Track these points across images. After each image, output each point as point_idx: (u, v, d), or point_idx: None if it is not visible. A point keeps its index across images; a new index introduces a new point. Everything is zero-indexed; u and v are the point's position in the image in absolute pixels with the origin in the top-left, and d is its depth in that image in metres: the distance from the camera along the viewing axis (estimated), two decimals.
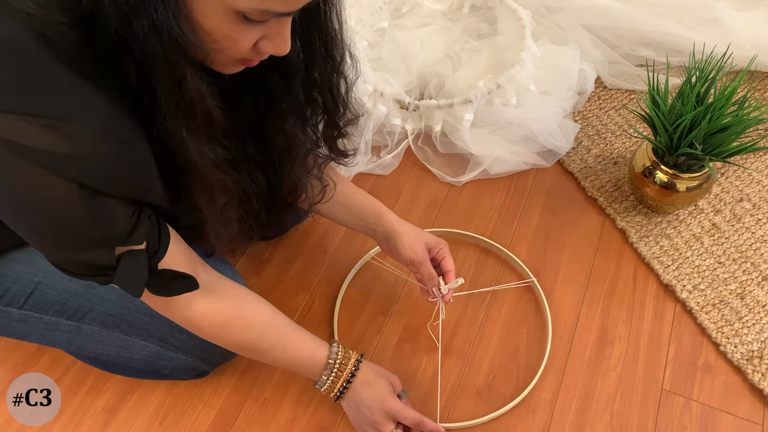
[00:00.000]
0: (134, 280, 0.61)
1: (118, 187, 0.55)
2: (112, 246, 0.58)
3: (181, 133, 0.54)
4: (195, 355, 0.83)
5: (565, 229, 1.09)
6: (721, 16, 1.26)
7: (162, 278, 0.64)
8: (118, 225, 0.57)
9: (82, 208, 0.52)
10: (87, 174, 0.51)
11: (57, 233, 0.55)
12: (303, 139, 0.74)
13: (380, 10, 1.29)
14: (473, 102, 1.14)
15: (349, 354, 0.80)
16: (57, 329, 0.78)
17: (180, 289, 0.66)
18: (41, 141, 0.48)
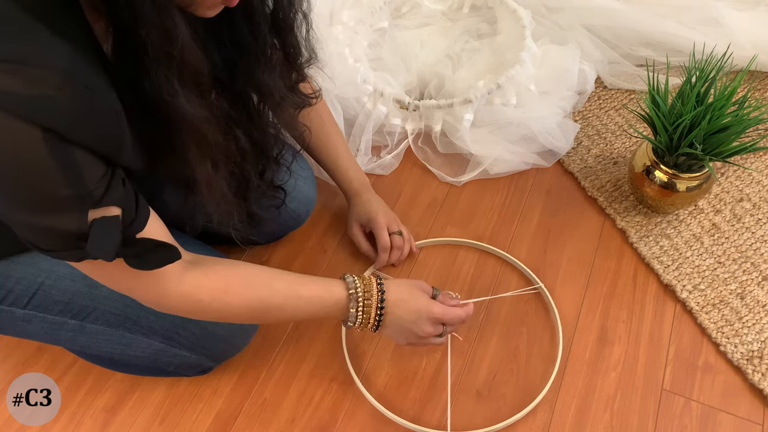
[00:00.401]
0: (107, 245, 0.56)
1: (86, 136, 0.51)
2: (83, 208, 0.53)
3: (173, 84, 0.52)
4: (199, 351, 0.83)
5: (565, 229, 1.09)
6: (721, 16, 1.26)
7: (140, 248, 0.59)
8: (88, 182, 0.52)
9: (48, 155, 0.48)
10: (52, 117, 0.47)
11: (22, 189, 0.50)
12: (274, 87, 0.71)
13: (380, 10, 1.29)
14: (473, 102, 1.14)
15: (368, 280, 0.77)
16: (61, 328, 0.78)
17: (162, 260, 0.61)
18: (3, 84, 0.45)
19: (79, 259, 0.57)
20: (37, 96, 0.46)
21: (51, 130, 0.48)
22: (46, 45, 0.47)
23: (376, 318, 0.76)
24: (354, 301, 0.76)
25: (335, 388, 0.91)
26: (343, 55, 1.17)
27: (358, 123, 1.17)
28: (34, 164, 0.49)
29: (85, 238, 0.54)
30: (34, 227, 0.54)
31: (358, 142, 1.16)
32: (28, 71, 0.46)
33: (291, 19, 0.68)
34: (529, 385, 0.91)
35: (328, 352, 0.95)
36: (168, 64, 0.51)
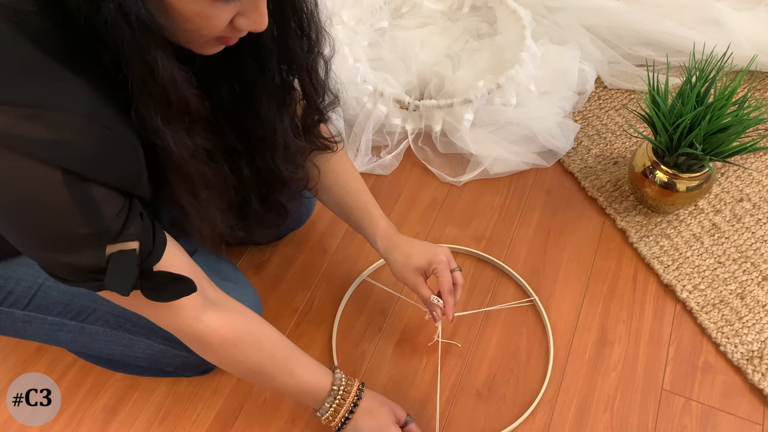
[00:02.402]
0: (123, 280, 0.57)
1: (106, 174, 0.52)
2: (101, 244, 0.54)
3: (156, 123, 0.52)
4: None
5: (565, 229, 1.09)
6: (721, 16, 1.26)
7: (157, 281, 0.60)
8: (106, 219, 0.53)
9: (68, 196, 0.49)
10: (72, 159, 0.48)
11: (43, 231, 0.52)
12: (281, 126, 0.71)
13: (380, 10, 1.29)
14: (473, 102, 1.14)
15: (352, 381, 0.78)
16: (61, 329, 0.78)
17: (177, 293, 0.62)
18: (23, 130, 0.46)
19: (97, 290, 0.58)
20: (57, 140, 0.47)
21: (71, 171, 0.49)
22: (67, 88, 0.48)
23: (341, 420, 0.77)
24: (332, 397, 0.77)
25: None
26: (343, 55, 1.17)
27: (358, 123, 1.17)
28: (54, 205, 0.50)
29: (103, 272, 0.55)
30: (55, 263, 0.55)
31: (358, 142, 1.16)
32: (48, 115, 0.47)
33: (306, 61, 0.67)
34: (529, 385, 0.91)
35: (327, 353, 0.95)
36: (149, 101, 0.51)
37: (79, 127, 0.48)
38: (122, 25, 0.46)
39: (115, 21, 0.46)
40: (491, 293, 1.01)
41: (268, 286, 1.02)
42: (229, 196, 0.69)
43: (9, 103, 0.46)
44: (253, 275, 1.03)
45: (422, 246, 0.86)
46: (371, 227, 0.88)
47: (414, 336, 0.96)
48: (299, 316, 0.99)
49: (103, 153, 0.51)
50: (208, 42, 0.55)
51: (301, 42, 0.64)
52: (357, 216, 0.89)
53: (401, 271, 0.86)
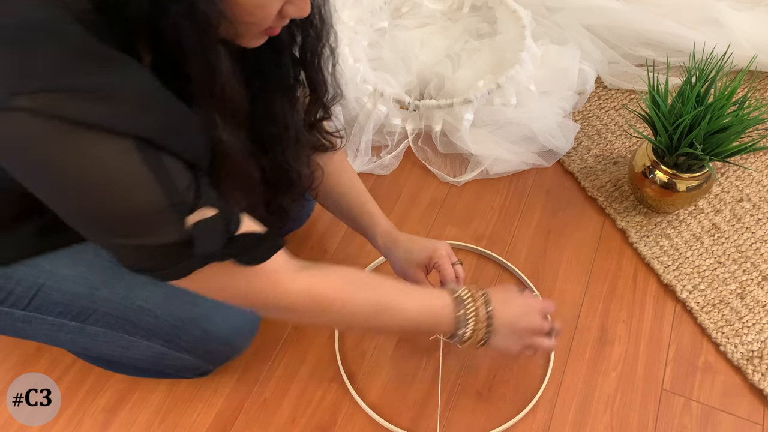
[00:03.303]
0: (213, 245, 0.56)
1: (175, 144, 0.53)
2: (180, 216, 0.54)
3: (215, 118, 0.54)
4: (200, 354, 0.83)
5: (565, 229, 1.09)
6: (721, 16, 1.26)
7: (246, 244, 0.59)
8: (180, 187, 0.53)
9: (141, 163, 0.50)
10: (142, 128, 0.50)
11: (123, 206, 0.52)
12: (293, 120, 0.72)
13: (380, 10, 1.29)
14: (473, 102, 1.14)
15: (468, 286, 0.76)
16: (61, 330, 0.78)
17: (270, 250, 0.62)
18: (92, 110, 0.47)
19: (187, 272, 0.58)
20: (126, 113, 0.48)
21: (142, 138, 0.50)
22: (133, 72, 0.50)
23: (485, 322, 0.74)
24: (461, 304, 0.74)
25: (335, 388, 0.91)
26: (343, 55, 1.17)
27: (358, 123, 1.17)
28: (129, 175, 0.50)
29: (189, 245, 0.55)
30: (138, 249, 0.55)
31: (358, 142, 1.16)
32: (116, 96, 0.48)
33: (318, 54, 0.68)
34: (530, 385, 0.91)
35: (327, 353, 0.95)
36: (210, 98, 0.53)
37: (147, 103, 0.50)
38: (186, 23, 0.48)
39: (180, 19, 0.47)
40: None
41: None
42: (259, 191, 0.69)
43: (76, 89, 0.47)
44: None
45: (422, 241, 0.87)
46: (371, 226, 0.89)
47: (414, 336, 0.96)
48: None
49: (171, 124, 0.52)
50: (258, 34, 0.56)
51: (313, 35, 0.66)
52: (357, 216, 0.89)
53: (402, 267, 0.86)
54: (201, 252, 0.56)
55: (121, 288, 0.77)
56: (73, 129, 0.47)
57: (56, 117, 0.46)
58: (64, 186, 0.50)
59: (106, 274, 0.76)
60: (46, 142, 0.47)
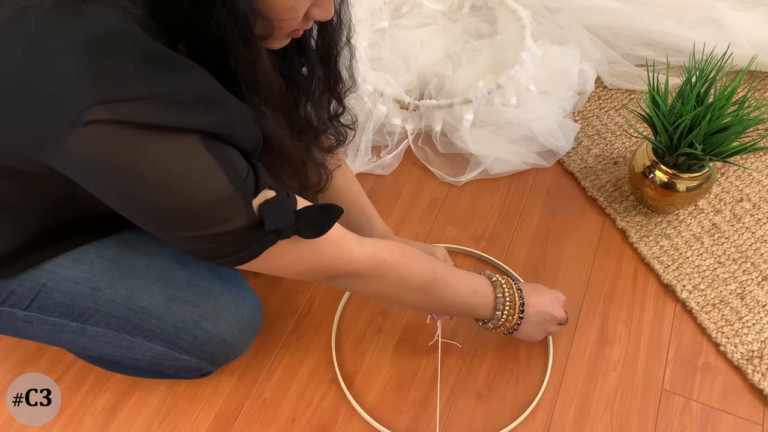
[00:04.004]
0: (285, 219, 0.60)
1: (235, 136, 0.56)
2: (246, 201, 0.57)
3: (261, 107, 0.57)
4: (200, 356, 0.83)
5: (565, 229, 1.09)
6: (721, 16, 1.26)
7: (308, 218, 0.63)
8: (242, 176, 0.57)
9: (207, 153, 0.53)
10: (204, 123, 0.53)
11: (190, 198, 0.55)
12: (316, 117, 0.76)
13: (380, 10, 1.29)
14: (473, 102, 1.14)
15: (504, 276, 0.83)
16: (62, 330, 0.78)
17: (331, 219, 0.65)
18: (166, 114, 0.50)
19: (260, 251, 0.61)
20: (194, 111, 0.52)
21: (204, 132, 0.53)
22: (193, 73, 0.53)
23: (519, 309, 0.81)
24: (500, 288, 0.80)
25: (335, 388, 0.91)
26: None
27: (358, 123, 1.17)
28: (198, 166, 0.54)
29: (259, 226, 0.59)
30: (208, 238, 0.58)
31: (358, 142, 1.16)
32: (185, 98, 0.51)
33: (337, 49, 0.71)
34: (529, 385, 0.91)
35: (327, 353, 0.95)
36: (257, 89, 0.56)
37: (211, 100, 0.53)
38: (229, 21, 0.52)
39: (223, 17, 0.51)
40: None
41: (268, 287, 1.02)
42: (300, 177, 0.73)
43: (141, 97, 0.49)
44: (252, 276, 1.03)
45: (419, 246, 0.90)
46: (368, 229, 0.91)
47: (414, 336, 0.96)
48: (299, 317, 0.99)
49: (231, 118, 0.55)
50: (284, 35, 0.60)
51: (332, 33, 0.69)
52: (354, 218, 0.92)
53: None
54: (272, 227, 0.59)
55: (123, 289, 0.77)
56: (147, 133, 0.50)
57: (133, 125, 0.49)
58: (141, 190, 0.54)
59: (108, 275, 0.76)
60: (124, 149, 0.50)
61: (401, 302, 0.79)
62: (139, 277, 0.78)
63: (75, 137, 0.49)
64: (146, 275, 0.78)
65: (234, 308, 0.83)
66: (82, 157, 0.50)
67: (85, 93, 0.48)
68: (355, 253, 0.70)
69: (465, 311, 0.82)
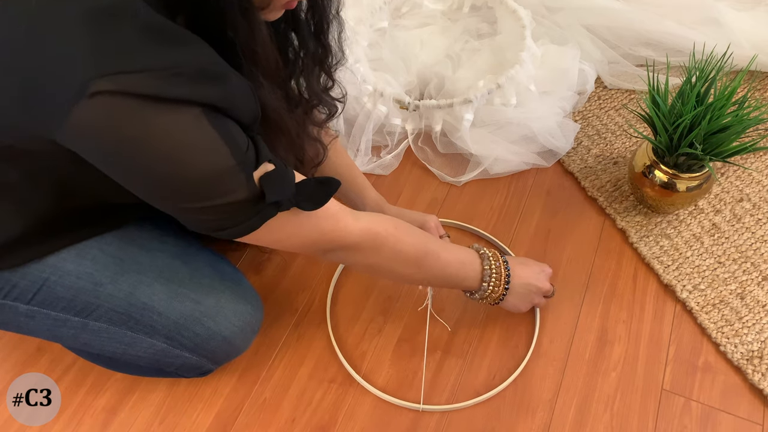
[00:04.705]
0: (286, 191, 0.62)
1: (237, 109, 0.57)
2: (248, 173, 0.59)
3: (259, 78, 0.58)
4: (201, 353, 0.83)
5: (565, 229, 1.09)
6: (721, 16, 1.26)
7: (307, 191, 0.64)
8: (242, 149, 0.58)
9: (209, 126, 0.54)
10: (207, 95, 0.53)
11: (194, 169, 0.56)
12: (309, 90, 0.76)
13: (380, 10, 1.29)
14: (473, 102, 1.14)
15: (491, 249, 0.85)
16: (64, 325, 0.78)
17: (328, 193, 0.66)
18: (168, 86, 0.51)
19: (260, 223, 0.62)
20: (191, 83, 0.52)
21: (207, 104, 0.54)
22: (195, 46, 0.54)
23: (505, 281, 0.83)
24: (487, 260, 0.83)
25: (335, 388, 0.91)
26: None
27: (358, 123, 1.17)
28: (201, 138, 0.55)
29: (259, 198, 0.60)
30: (211, 210, 0.59)
31: (358, 142, 1.16)
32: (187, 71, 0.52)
33: (327, 22, 0.72)
34: (529, 385, 0.91)
35: (327, 353, 0.95)
36: (254, 60, 0.57)
37: (212, 73, 0.54)
38: None
39: None
40: None
41: (268, 286, 1.02)
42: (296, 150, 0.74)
43: (145, 69, 0.50)
44: (253, 275, 1.03)
45: (411, 214, 0.93)
46: (360, 198, 0.94)
47: (414, 336, 0.96)
48: (299, 316, 0.99)
49: (231, 91, 0.56)
50: (280, 6, 0.60)
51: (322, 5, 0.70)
52: (347, 189, 0.94)
53: None
54: (273, 199, 0.61)
55: (126, 284, 0.77)
56: (151, 104, 0.51)
57: (137, 96, 0.50)
58: (145, 160, 0.54)
59: (110, 270, 0.76)
60: (128, 120, 0.51)
61: (395, 275, 0.81)
62: (142, 273, 0.78)
63: (80, 109, 0.50)
64: (148, 271, 0.78)
65: (235, 306, 0.83)
66: (88, 129, 0.51)
67: (89, 65, 0.49)
68: (351, 226, 0.72)
69: (455, 283, 0.85)
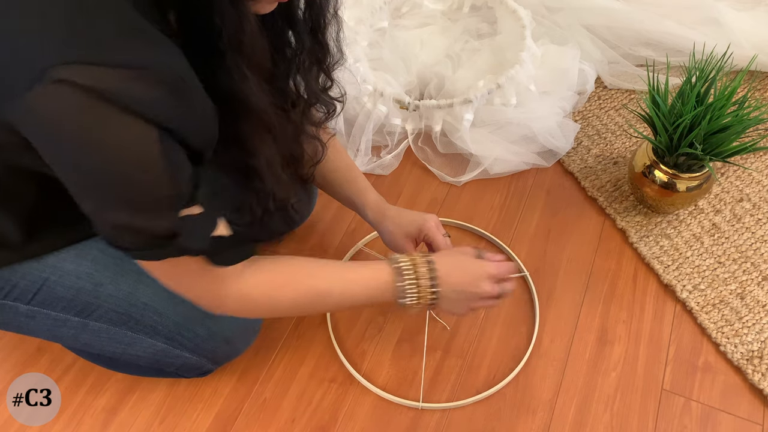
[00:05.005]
0: (198, 242, 0.60)
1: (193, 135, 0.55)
2: (177, 207, 0.57)
3: (243, 70, 0.56)
4: (201, 353, 0.83)
5: (565, 229, 1.09)
6: (721, 16, 1.26)
7: (219, 245, 0.63)
8: (184, 181, 0.57)
9: (160, 154, 0.53)
10: (168, 118, 0.52)
11: (130, 187, 0.54)
12: (307, 89, 0.75)
13: (380, 10, 1.29)
14: (473, 102, 1.14)
15: (412, 255, 0.78)
16: (64, 325, 0.78)
17: (240, 256, 0.65)
18: (127, 89, 0.49)
19: (160, 258, 0.60)
20: (157, 98, 0.51)
21: (166, 128, 0.52)
22: (166, 51, 0.52)
23: (430, 288, 0.76)
24: (399, 275, 0.76)
25: (335, 388, 0.91)
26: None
27: (358, 123, 1.17)
28: (146, 162, 0.53)
29: (174, 236, 0.58)
30: (128, 227, 0.57)
31: (358, 142, 1.16)
32: (150, 77, 0.50)
33: (325, 20, 0.71)
34: (530, 385, 0.91)
35: (327, 353, 0.95)
36: (240, 50, 0.54)
37: (175, 87, 0.52)
38: None
39: None
40: None
41: None
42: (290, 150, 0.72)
43: (114, 64, 0.48)
44: None
45: (412, 214, 0.90)
46: (361, 199, 0.92)
47: (414, 336, 0.96)
48: (299, 317, 0.99)
49: (195, 113, 0.54)
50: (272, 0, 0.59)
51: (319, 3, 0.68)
52: (347, 190, 0.92)
53: (392, 240, 0.89)
54: (184, 245, 0.59)
55: (126, 285, 0.77)
56: (108, 107, 0.49)
57: (94, 91, 0.48)
58: (87, 159, 0.52)
59: (110, 271, 0.76)
60: (80, 114, 0.49)
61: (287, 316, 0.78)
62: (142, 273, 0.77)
63: (38, 93, 0.48)
64: None
65: None
66: (40, 115, 0.50)
67: (56, 49, 0.48)
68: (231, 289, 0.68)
69: (368, 305, 0.80)
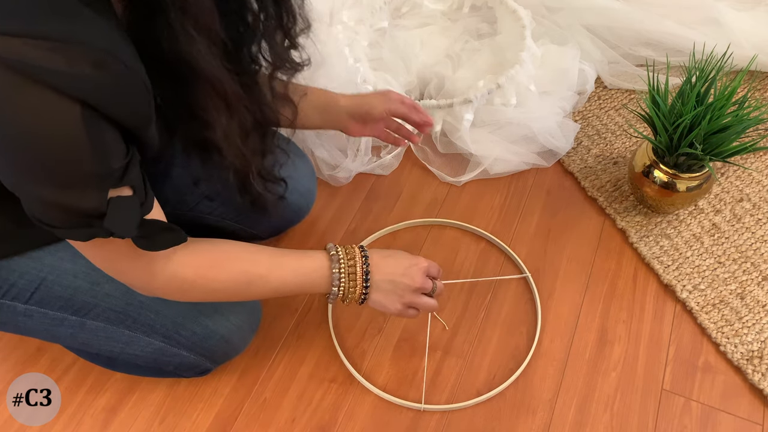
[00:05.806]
0: (124, 225, 0.58)
1: (121, 112, 0.53)
2: (104, 187, 0.55)
3: (190, 31, 0.53)
4: (199, 352, 0.83)
5: (565, 229, 1.09)
6: (721, 16, 1.26)
7: (150, 230, 0.61)
8: (113, 161, 0.54)
9: (83, 131, 0.51)
10: (91, 94, 0.50)
11: (52, 164, 0.52)
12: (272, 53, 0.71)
13: (380, 10, 1.29)
14: (473, 102, 1.14)
15: (349, 246, 0.77)
16: (62, 324, 0.78)
17: (170, 242, 0.64)
18: (46, 61, 0.47)
19: (86, 238, 0.59)
20: (78, 73, 0.48)
21: (90, 106, 0.50)
22: (89, 24, 0.49)
23: (363, 278, 0.75)
24: (336, 262, 0.75)
25: (335, 388, 0.91)
26: (343, 55, 1.17)
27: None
28: (68, 138, 0.50)
29: (101, 216, 0.56)
30: (52, 203, 0.55)
31: (358, 142, 1.16)
32: (71, 50, 0.48)
33: None
34: (530, 385, 0.91)
35: (327, 353, 0.95)
36: (184, 9, 0.52)
37: (99, 62, 0.49)
38: None
39: None
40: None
41: None
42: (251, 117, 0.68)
43: (33, 36, 0.47)
44: None
45: (377, 94, 0.93)
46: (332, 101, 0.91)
47: (414, 336, 0.96)
48: (299, 316, 0.99)
49: (121, 90, 0.52)
50: None
51: None
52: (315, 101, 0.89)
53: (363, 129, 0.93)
54: (111, 225, 0.57)
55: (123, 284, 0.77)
56: (24, 80, 0.47)
57: (7, 63, 0.46)
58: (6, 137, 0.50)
59: None
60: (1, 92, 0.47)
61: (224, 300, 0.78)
62: None
63: None
64: None
65: (232, 305, 0.84)
66: None
67: None
68: (158, 271, 0.67)
69: (301, 292, 0.79)
